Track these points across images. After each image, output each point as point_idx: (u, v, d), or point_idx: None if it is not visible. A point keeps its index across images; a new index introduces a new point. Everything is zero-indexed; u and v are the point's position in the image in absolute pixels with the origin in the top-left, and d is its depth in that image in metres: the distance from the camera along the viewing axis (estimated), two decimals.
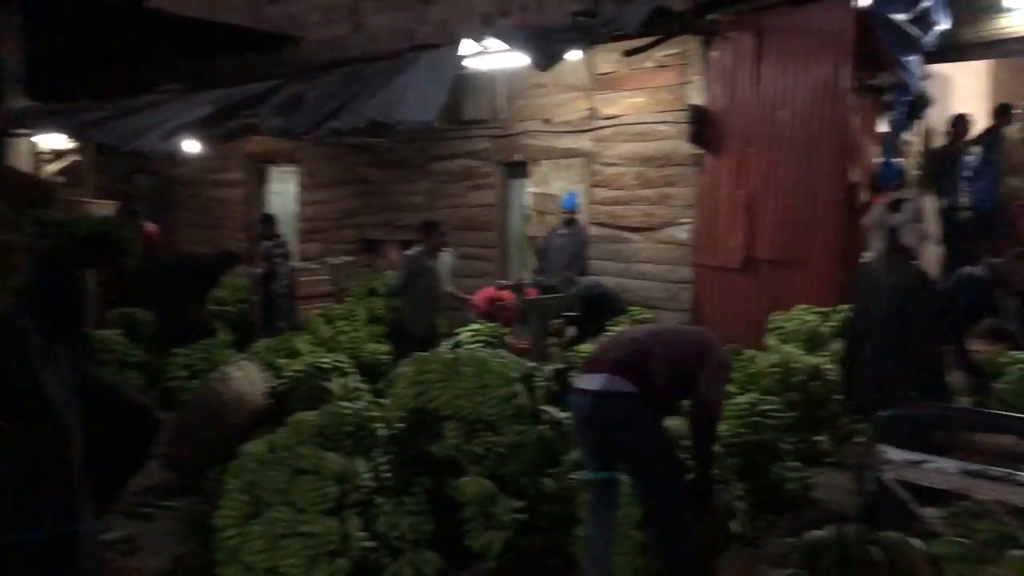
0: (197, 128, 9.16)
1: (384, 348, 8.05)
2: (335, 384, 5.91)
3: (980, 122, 9.80)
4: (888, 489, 2.01)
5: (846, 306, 6.99)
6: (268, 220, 9.98)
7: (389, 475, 4.36)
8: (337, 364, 6.46)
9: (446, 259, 7.34)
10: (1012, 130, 8.14)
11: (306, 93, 8.46)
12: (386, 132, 9.73)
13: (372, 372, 7.55)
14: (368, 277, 10.57)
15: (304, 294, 10.06)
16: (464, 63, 7.99)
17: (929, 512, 1.96)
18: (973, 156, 8.45)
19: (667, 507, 3.71)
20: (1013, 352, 5.83)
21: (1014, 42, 7.80)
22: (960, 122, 8.51)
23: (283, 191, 13.28)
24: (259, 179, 13.46)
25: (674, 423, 4.31)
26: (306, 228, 12.40)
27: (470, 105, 10.28)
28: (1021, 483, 1.87)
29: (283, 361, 7.99)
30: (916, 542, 1.83)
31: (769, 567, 1.69)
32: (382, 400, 5.31)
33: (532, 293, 7.24)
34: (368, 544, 4.00)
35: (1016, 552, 1.73)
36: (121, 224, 6.33)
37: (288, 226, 12.17)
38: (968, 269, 5.94)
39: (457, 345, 6.86)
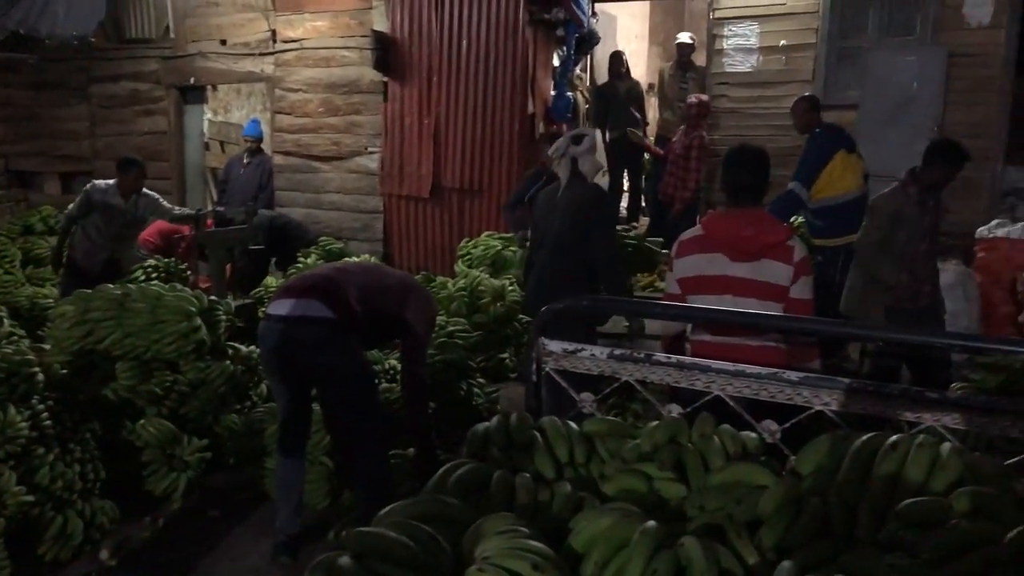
0: None
1: (45, 292, 7.23)
2: None
3: (641, 60, 10.71)
4: (549, 378, 2.15)
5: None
6: None
7: (51, 423, 3.95)
8: None
9: (143, 201, 6.67)
10: (665, 67, 8.95)
11: None
12: (34, 47, 8.61)
13: (31, 318, 6.78)
14: (21, 214, 9.41)
15: None
16: None
17: (585, 396, 2.12)
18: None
19: (363, 430, 3.71)
20: None
21: None
22: (615, 60, 9.18)
23: None
24: None
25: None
26: None
27: (135, 21, 9.33)
28: (658, 362, 2.09)
29: None
30: (572, 424, 1.98)
31: None
32: (43, 346, 4.77)
33: (212, 225, 6.81)
34: (27, 499, 3.61)
35: (652, 423, 1.93)
36: None
37: None
38: None
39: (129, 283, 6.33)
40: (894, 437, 1.80)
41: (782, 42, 8.19)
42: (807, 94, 6.31)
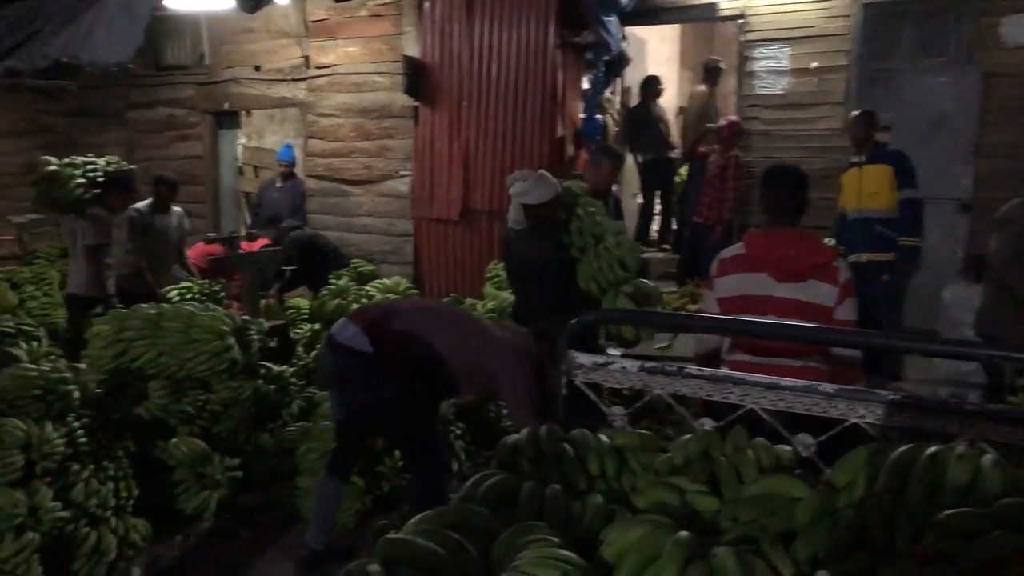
0: None
1: None
2: (20, 349, 5.29)
3: (671, 84, 10.70)
4: (579, 391, 2.13)
5: None
6: None
7: (86, 440, 3.99)
8: (23, 329, 5.78)
9: (174, 219, 6.91)
10: (699, 89, 8.99)
11: None
12: (74, 75, 8.81)
13: (68, 340, 6.87)
14: (59, 237, 9.55)
15: None
16: (162, 1, 7.40)
17: (616, 410, 2.10)
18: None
19: (408, 459, 3.87)
20: None
21: (697, 8, 8.58)
22: (651, 83, 9.19)
23: None
24: None
25: None
26: None
27: (172, 49, 9.56)
28: (690, 375, 2.06)
29: None
30: (603, 437, 1.95)
31: None
32: (79, 365, 4.83)
33: (247, 247, 6.90)
34: (63, 515, 3.64)
35: (684, 437, 1.90)
36: None
37: None
38: None
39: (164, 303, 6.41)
40: (932, 448, 1.75)
41: (813, 64, 8.15)
42: (863, 110, 6.41)
